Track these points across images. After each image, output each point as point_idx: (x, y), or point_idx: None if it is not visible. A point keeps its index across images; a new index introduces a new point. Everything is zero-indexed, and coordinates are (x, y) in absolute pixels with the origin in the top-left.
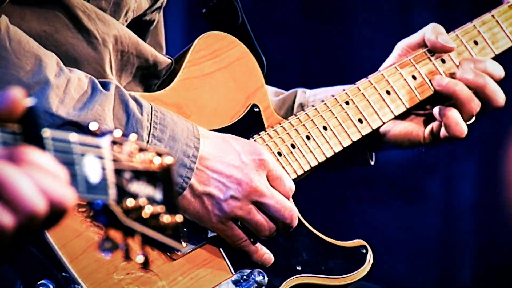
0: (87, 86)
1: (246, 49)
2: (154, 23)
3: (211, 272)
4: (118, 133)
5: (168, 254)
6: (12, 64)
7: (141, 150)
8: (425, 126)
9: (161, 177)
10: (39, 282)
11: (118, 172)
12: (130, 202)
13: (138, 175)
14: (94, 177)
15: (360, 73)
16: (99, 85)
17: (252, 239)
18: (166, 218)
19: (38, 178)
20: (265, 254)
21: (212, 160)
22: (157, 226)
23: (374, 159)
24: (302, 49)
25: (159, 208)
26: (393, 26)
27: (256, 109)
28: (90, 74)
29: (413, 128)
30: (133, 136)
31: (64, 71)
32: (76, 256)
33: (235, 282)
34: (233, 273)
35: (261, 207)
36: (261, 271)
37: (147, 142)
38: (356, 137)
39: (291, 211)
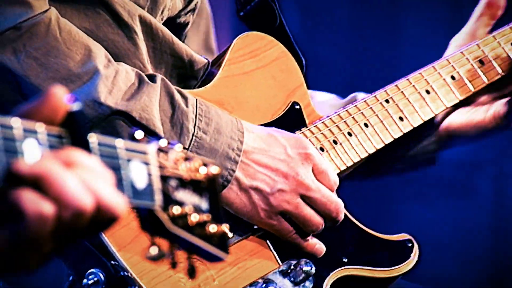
0: (134, 79)
1: (284, 49)
2: (188, 26)
3: (258, 262)
4: (164, 142)
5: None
6: (62, 53)
7: (187, 159)
8: (487, 111)
9: (207, 187)
10: (89, 271)
11: (164, 179)
12: (176, 210)
13: (184, 183)
14: (140, 183)
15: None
16: (145, 78)
17: (301, 232)
18: (212, 227)
19: (85, 178)
20: (316, 244)
21: (258, 154)
22: (203, 235)
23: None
24: (351, 50)
25: (205, 217)
26: (443, 25)
27: (297, 107)
28: None
29: (475, 114)
30: (178, 146)
31: (112, 62)
32: (124, 245)
33: (282, 272)
34: (280, 263)
35: (307, 201)
36: (308, 260)
37: (193, 134)
38: (397, 134)
39: (337, 205)
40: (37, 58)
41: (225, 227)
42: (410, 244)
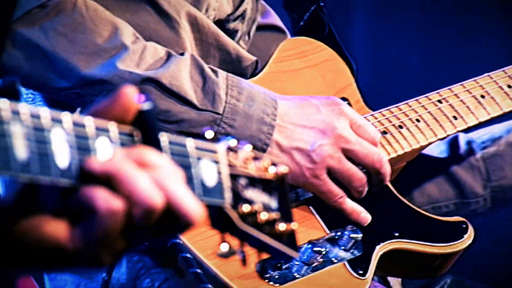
0: (163, 54)
1: (334, 53)
2: (238, 34)
3: (306, 231)
4: (233, 142)
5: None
6: (89, 30)
7: (256, 158)
8: None
9: (275, 186)
10: None
11: (234, 177)
12: (246, 208)
13: (253, 182)
14: (210, 181)
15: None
16: (174, 53)
17: (347, 197)
18: (281, 226)
19: (156, 176)
20: (362, 212)
21: (293, 116)
22: (272, 233)
23: None
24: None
25: (274, 215)
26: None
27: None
28: None
29: None
30: (248, 147)
31: (140, 39)
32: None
33: (330, 240)
34: (328, 232)
35: (349, 155)
36: (356, 228)
37: (226, 102)
38: (451, 131)
39: (380, 155)
40: (65, 34)
41: (294, 226)
42: (464, 226)
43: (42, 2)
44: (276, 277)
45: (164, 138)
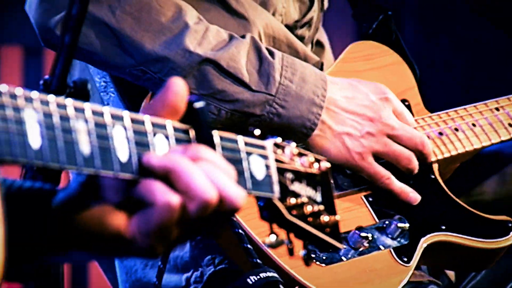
0: (226, 36)
1: (399, 58)
2: (305, 41)
3: (356, 218)
4: (279, 139)
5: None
6: (154, 9)
7: (301, 155)
8: None
9: (319, 180)
10: None
11: (281, 172)
12: (292, 200)
13: (299, 176)
14: (260, 175)
15: None
16: (236, 35)
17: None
18: (325, 218)
19: (210, 172)
20: (410, 192)
21: (344, 102)
22: (317, 224)
23: None
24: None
25: (319, 208)
26: None
27: (406, 103)
28: None
29: None
30: (293, 144)
31: (203, 21)
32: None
33: (378, 229)
34: (377, 220)
35: (393, 139)
36: (402, 217)
37: (279, 83)
38: (505, 137)
39: (422, 138)
40: (131, 13)
41: (337, 218)
42: (510, 224)
43: None
44: (324, 258)
45: (216, 134)
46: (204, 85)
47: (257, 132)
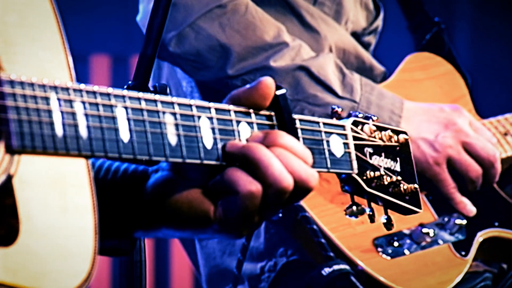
0: (313, 54)
1: (452, 68)
2: (371, 48)
3: (417, 215)
4: (359, 116)
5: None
6: (258, 28)
7: (379, 129)
8: None
9: (399, 151)
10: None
11: (360, 147)
12: (372, 173)
13: (378, 150)
14: (339, 153)
15: None
16: (321, 53)
17: (458, 189)
18: (404, 186)
19: (288, 159)
20: (468, 205)
21: (420, 114)
22: (397, 193)
23: None
24: None
25: (398, 178)
26: None
27: None
28: None
29: None
30: (373, 118)
31: (296, 39)
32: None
33: (438, 225)
34: (436, 217)
35: (467, 148)
36: (460, 215)
37: (361, 94)
38: None
39: (494, 151)
40: (239, 30)
41: (416, 186)
42: None
43: (221, 2)
44: (390, 251)
45: (297, 117)
46: (297, 90)
47: (338, 110)
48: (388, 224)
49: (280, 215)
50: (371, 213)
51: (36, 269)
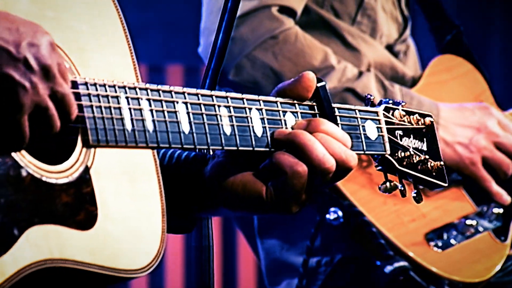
0: (356, 72)
1: (471, 66)
2: (401, 55)
3: (459, 207)
4: (390, 102)
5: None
6: (307, 54)
7: (408, 113)
8: None
9: (425, 133)
10: (330, 209)
11: (392, 131)
12: (402, 153)
13: (407, 132)
14: (373, 136)
15: None
16: (363, 71)
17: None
18: (432, 164)
19: (330, 143)
20: (504, 195)
21: (454, 119)
22: (425, 170)
23: None
24: None
25: (425, 156)
26: None
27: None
28: None
29: None
30: (402, 105)
31: (341, 61)
32: (355, 191)
33: (478, 214)
34: (476, 208)
35: (498, 146)
36: (497, 205)
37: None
38: None
39: None
40: (290, 58)
41: (441, 163)
42: None
43: (273, 34)
44: (440, 244)
45: (336, 106)
46: None
47: (371, 96)
48: (418, 197)
49: (342, 220)
50: (402, 188)
51: (112, 250)
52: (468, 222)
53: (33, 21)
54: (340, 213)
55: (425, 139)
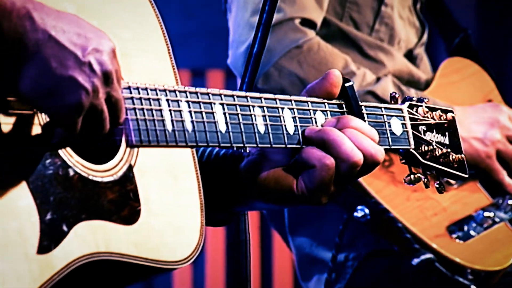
0: (374, 77)
1: (478, 67)
2: (419, 57)
3: (475, 199)
4: (414, 100)
5: (452, 183)
6: (330, 62)
7: (431, 109)
8: None
9: (447, 128)
10: (357, 207)
11: (415, 126)
12: (426, 147)
13: (430, 127)
14: (398, 131)
15: None
16: (381, 76)
17: (508, 174)
18: (453, 156)
19: (358, 138)
20: None
21: (468, 115)
22: (447, 162)
23: None
24: None
25: (447, 149)
26: None
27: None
28: None
29: None
30: (425, 101)
31: (360, 67)
32: (380, 189)
33: (493, 205)
34: (492, 200)
35: (511, 140)
36: (511, 196)
37: None
38: None
39: None
40: (314, 66)
41: (462, 156)
42: None
43: (298, 43)
44: (461, 235)
45: (363, 104)
46: None
47: (395, 94)
48: (440, 187)
49: (368, 217)
50: (426, 180)
51: (155, 243)
52: (486, 214)
53: None
54: (366, 211)
55: (447, 133)
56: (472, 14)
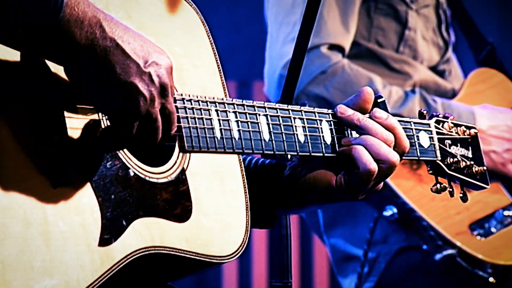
0: (402, 93)
1: (504, 77)
2: (446, 73)
3: (496, 199)
4: (440, 116)
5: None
6: (354, 83)
7: (456, 125)
8: None
9: (470, 142)
10: (386, 206)
11: (441, 140)
12: (451, 159)
13: (455, 141)
14: (425, 144)
15: None
16: (408, 91)
17: None
18: (476, 168)
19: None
20: None
21: (489, 129)
22: (470, 174)
23: None
24: None
25: (470, 162)
26: None
27: None
28: None
29: None
30: (451, 118)
31: (387, 85)
32: (407, 190)
33: None
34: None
35: None
36: None
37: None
38: None
39: None
40: (339, 88)
41: (484, 168)
42: None
43: (322, 69)
44: (482, 232)
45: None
46: None
47: (424, 111)
48: (464, 197)
49: (396, 216)
50: (451, 189)
51: (205, 239)
52: (506, 213)
53: None
54: (395, 210)
55: (470, 147)
56: (495, 30)
